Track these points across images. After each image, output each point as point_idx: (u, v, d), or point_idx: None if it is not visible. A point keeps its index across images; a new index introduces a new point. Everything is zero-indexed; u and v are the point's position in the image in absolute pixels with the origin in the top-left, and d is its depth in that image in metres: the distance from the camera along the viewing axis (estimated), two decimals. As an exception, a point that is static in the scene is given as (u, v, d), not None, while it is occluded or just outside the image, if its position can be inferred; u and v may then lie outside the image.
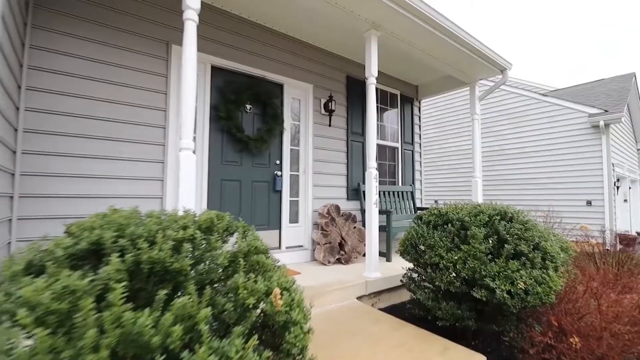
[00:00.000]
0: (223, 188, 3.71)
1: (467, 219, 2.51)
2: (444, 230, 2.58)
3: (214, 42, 3.62)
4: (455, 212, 2.63)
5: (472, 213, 2.57)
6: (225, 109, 3.60)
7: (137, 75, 3.12)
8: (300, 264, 4.01)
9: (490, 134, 9.89)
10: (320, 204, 4.35)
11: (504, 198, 9.55)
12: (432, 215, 2.77)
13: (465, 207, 2.73)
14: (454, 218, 2.57)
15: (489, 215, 2.53)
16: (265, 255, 1.52)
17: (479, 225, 2.46)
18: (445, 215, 2.66)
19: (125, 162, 3.03)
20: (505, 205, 2.76)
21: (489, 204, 2.81)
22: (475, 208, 2.66)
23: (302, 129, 4.42)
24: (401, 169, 5.74)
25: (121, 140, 3.01)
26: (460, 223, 2.52)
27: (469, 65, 4.58)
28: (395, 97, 5.74)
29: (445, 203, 2.94)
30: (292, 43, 4.27)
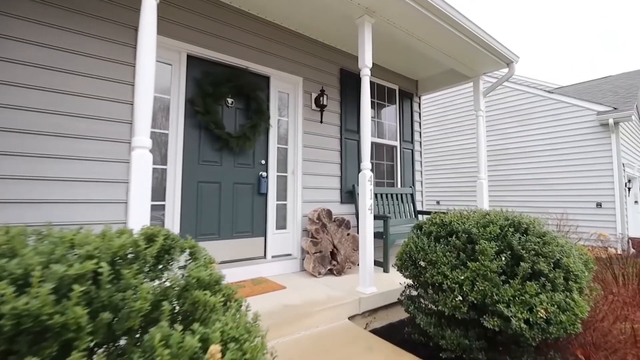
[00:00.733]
0: (200, 191, 3.32)
1: (474, 230, 2.12)
2: (447, 244, 2.20)
3: (191, 28, 3.24)
4: (461, 222, 2.25)
5: (480, 224, 2.18)
6: (202, 102, 3.22)
7: (98, 64, 2.74)
8: (287, 276, 3.63)
9: (494, 132, 9.50)
10: (310, 208, 3.97)
11: (509, 200, 9.17)
12: (433, 225, 2.39)
13: (471, 215, 2.34)
14: (459, 229, 2.19)
15: (501, 226, 2.14)
16: (211, 290, 1.14)
17: (489, 239, 2.07)
18: (449, 226, 2.28)
19: (84, 162, 2.65)
20: (518, 213, 2.37)
21: (499, 211, 2.43)
22: (484, 217, 2.28)
23: (291, 125, 4.04)
24: (400, 170, 5.35)
25: (78, 137, 2.63)
26: (466, 235, 2.14)
27: (472, 57, 4.19)
28: (394, 92, 5.35)
29: (448, 210, 2.56)
30: (280, 32, 3.88)
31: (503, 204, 9.16)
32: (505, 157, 9.41)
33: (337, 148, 4.39)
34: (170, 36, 3.11)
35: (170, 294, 1.02)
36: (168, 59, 3.17)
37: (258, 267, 3.54)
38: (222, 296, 1.17)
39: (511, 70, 4.41)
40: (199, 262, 1.23)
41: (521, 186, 9.14)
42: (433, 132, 11.06)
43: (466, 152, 10.08)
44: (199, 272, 1.11)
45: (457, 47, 3.94)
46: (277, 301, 2.79)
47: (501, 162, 9.45)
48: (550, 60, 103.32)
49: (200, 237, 3.31)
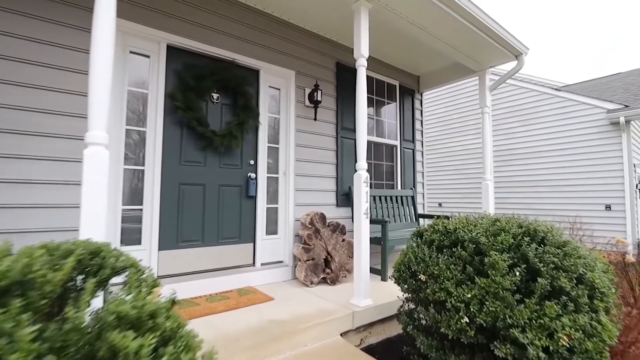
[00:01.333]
0: (182, 194, 3.06)
1: (483, 240, 1.84)
2: (451, 255, 1.91)
3: (171, 16, 2.98)
4: (467, 229, 1.97)
5: (490, 232, 1.90)
6: (183, 97, 2.96)
7: (59, 52, 2.49)
8: (277, 285, 3.35)
9: (499, 132, 9.18)
10: (303, 212, 3.69)
11: (514, 202, 8.86)
12: (436, 232, 2.10)
13: (479, 222, 2.06)
14: (465, 238, 1.90)
15: (514, 235, 1.86)
16: (141, 329, 0.86)
17: (500, 250, 1.79)
18: (453, 234, 1.99)
19: (49, 163, 2.39)
20: (532, 219, 2.09)
21: (510, 217, 2.14)
22: (494, 224, 1.99)
23: (283, 123, 3.76)
24: (400, 170, 5.07)
25: (41, 135, 2.37)
26: (474, 246, 1.85)
27: (479, 49, 3.91)
28: (394, 88, 5.07)
29: (452, 215, 2.27)
30: (270, 22, 3.62)
31: (508, 205, 8.84)
32: (511, 158, 9.09)
33: (332, 147, 4.11)
34: (148, 24, 2.85)
35: (73, 341, 0.75)
36: (146, 49, 2.91)
37: (246, 275, 3.27)
38: (157, 335, 0.89)
39: (520, 63, 4.11)
40: (131, 288, 0.96)
41: (527, 187, 8.82)
42: (435, 132, 10.75)
43: (470, 153, 9.77)
44: (122, 306, 0.84)
45: (462, 37, 3.65)
46: (262, 315, 2.52)
47: (506, 163, 9.13)
48: (554, 58, 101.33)
49: (182, 244, 3.04)
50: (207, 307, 2.64)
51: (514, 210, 8.74)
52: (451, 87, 9.96)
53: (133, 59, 2.87)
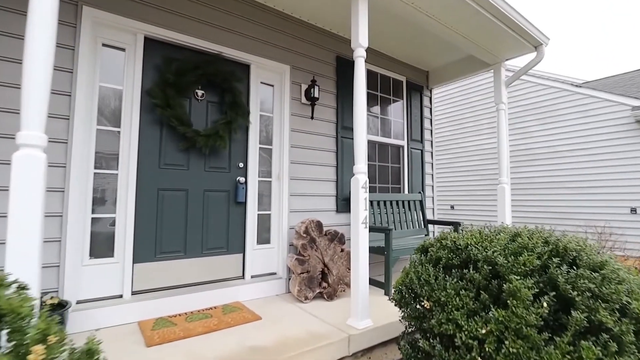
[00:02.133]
0: (161, 200, 2.79)
1: (501, 260, 1.49)
2: (462, 278, 1.57)
3: (149, 5, 2.72)
4: (481, 246, 1.62)
5: (509, 250, 1.55)
6: (162, 94, 2.69)
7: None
8: (269, 300, 3.04)
9: (516, 131, 8.68)
10: (299, 219, 3.38)
11: (531, 204, 8.36)
12: (443, 248, 1.76)
13: (496, 237, 1.70)
14: (478, 257, 1.55)
15: (539, 254, 1.50)
16: None
17: (522, 274, 1.43)
18: (464, 252, 1.65)
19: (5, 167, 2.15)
20: (559, 233, 1.73)
21: (533, 230, 1.78)
22: (514, 240, 1.64)
23: (276, 122, 3.46)
24: (408, 173, 4.71)
25: None
26: (490, 267, 1.50)
27: (494, 38, 3.53)
28: (400, 84, 4.71)
29: (463, 228, 1.92)
30: (262, 12, 3.33)
31: (525, 209, 8.33)
32: (528, 159, 8.58)
33: (332, 148, 3.79)
34: (122, 14, 2.60)
35: None
36: (120, 42, 2.66)
37: (234, 289, 2.97)
38: None
39: (540, 54, 3.71)
40: None
41: (545, 190, 8.30)
42: (447, 131, 10.30)
43: (483, 153, 9.29)
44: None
45: (476, 26, 3.29)
46: (244, 340, 2.21)
47: (523, 164, 8.62)
48: (570, 54, 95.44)
49: (162, 256, 2.77)
50: (184, 329, 2.35)
51: (531, 214, 8.26)
52: (463, 83, 9.52)
53: (106, 52, 2.61)
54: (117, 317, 2.44)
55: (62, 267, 2.29)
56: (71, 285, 2.32)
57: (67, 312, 2.15)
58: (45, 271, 2.23)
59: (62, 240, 2.30)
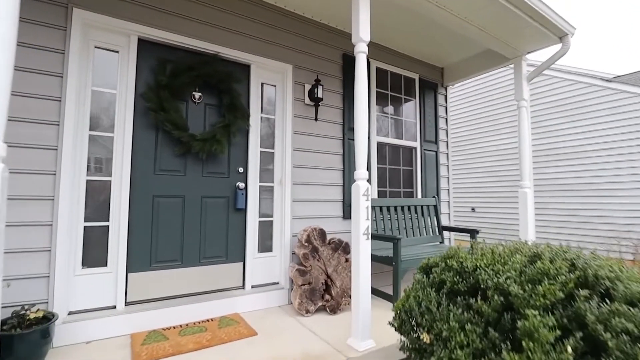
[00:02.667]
0: (156, 208, 2.68)
1: (515, 289, 1.26)
2: (468, 308, 1.35)
3: (143, 5, 2.62)
4: (492, 269, 1.39)
5: (526, 276, 1.32)
6: (156, 97, 2.58)
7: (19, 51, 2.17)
8: (269, 313, 2.90)
9: (539, 129, 8.18)
10: (303, 225, 3.22)
11: (555, 207, 7.87)
12: (448, 270, 1.54)
13: (511, 257, 1.47)
14: (489, 284, 1.34)
15: (563, 283, 1.27)
16: None
17: (542, 308, 1.21)
18: (472, 275, 1.43)
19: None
20: (587, 254, 1.48)
21: (557, 248, 1.54)
22: (532, 261, 1.41)
23: (278, 124, 3.31)
24: (421, 176, 4.45)
25: None
26: (502, 298, 1.28)
27: (513, 30, 3.24)
28: (413, 82, 4.46)
29: (472, 246, 1.70)
30: (262, 9, 3.17)
31: (549, 211, 7.85)
32: (553, 159, 8.07)
33: (338, 151, 3.59)
34: (115, 15, 2.50)
35: None
36: (113, 44, 2.57)
37: (233, 300, 2.85)
38: None
39: (565, 45, 3.39)
40: None
41: (571, 192, 7.77)
42: (465, 130, 9.87)
43: (504, 153, 8.83)
44: None
45: (493, 17, 3.02)
46: (235, 359, 2.07)
47: (547, 164, 8.12)
48: (597, 45, 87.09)
49: (157, 265, 2.67)
50: (175, 344, 2.24)
51: (555, 217, 7.76)
52: (481, 79, 9.08)
53: (99, 55, 2.53)
54: (109, 329, 2.36)
55: (52, 277, 2.22)
56: (62, 296, 2.24)
57: (54, 325, 2.07)
58: (33, 282, 2.17)
59: (52, 250, 2.23)
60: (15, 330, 1.91)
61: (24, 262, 2.15)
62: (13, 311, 2.02)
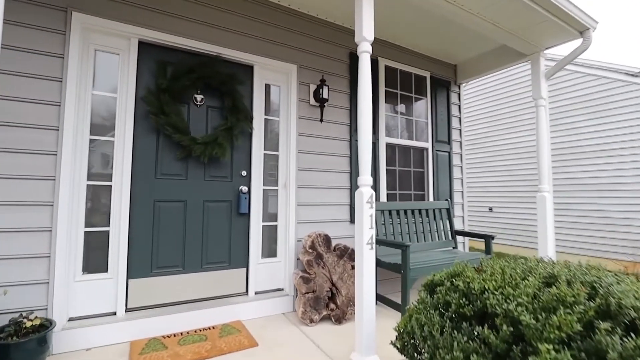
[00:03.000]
0: (157, 212, 2.65)
1: (527, 318, 1.13)
2: (475, 337, 1.23)
3: (143, 7, 2.57)
4: (502, 293, 1.27)
5: (540, 303, 1.19)
6: (156, 101, 2.54)
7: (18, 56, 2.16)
8: (272, 321, 2.83)
9: (560, 127, 7.82)
10: (309, 230, 3.14)
11: (578, 208, 7.52)
12: (454, 291, 1.42)
13: (525, 278, 1.34)
14: (497, 311, 1.21)
15: (581, 312, 1.13)
16: None
17: (557, 341, 1.08)
18: (479, 299, 1.31)
19: (-5, 182, 2.09)
20: (611, 277, 1.33)
21: (575, 269, 1.39)
22: (547, 284, 1.27)
23: (282, 126, 3.22)
24: (433, 178, 4.29)
25: None
26: (511, 328, 1.16)
27: (530, 24, 3.04)
28: (424, 80, 4.29)
29: (482, 263, 1.57)
30: (265, 8, 3.08)
31: (570, 212, 7.50)
32: (574, 157, 7.70)
33: (345, 153, 3.48)
34: (115, 18, 2.46)
35: None
36: (114, 47, 2.53)
37: (235, 307, 2.79)
38: None
39: (587, 41, 3.16)
40: None
41: (593, 192, 7.40)
42: (483, 128, 9.55)
43: (524, 152, 8.49)
44: None
45: (508, 11, 2.83)
46: (233, 372, 2.01)
47: (569, 163, 7.77)
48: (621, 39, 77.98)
49: (158, 271, 2.64)
50: (173, 354, 2.19)
51: (577, 218, 7.41)
52: (500, 75, 8.74)
53: (99, 59, 2.50)
54: (109, 336, 2.34)
55: (51, 283, 2.21)
56: (62, 302, 2.23)
57: (51, 333, 2.06)
58: (33, 288, 2.17)
59: (52, 256, 2.22)
60: (12, 339, 1.91)
61: (23, 268, 2.14)
62: (11, 318, 2.01)
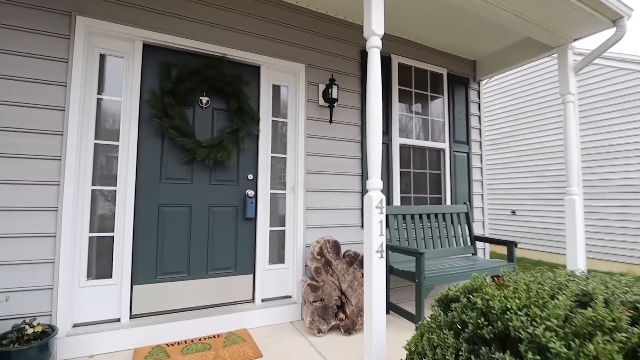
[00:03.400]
0: (162, 217, 2.60)
1: (557, 345, 0.96)
2: (494, 363, 1.07)
3: (146, 9, 2.53)
4: (527, 313, 1.09)
5: (572, 327, 1.01)
6: (160, 104, 2.49)
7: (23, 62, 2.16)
8: (279, 329, 2.72)
9: (589, 124, 7.34)
10: (318, 235, 3.02)
11: (611, 211, 7.03)
12: (471, 308, 1.25)
13: (554, 296, 1.16)
14: (522, 335, 1.04)
15: (623, 341, 0.95)
16: None
17: (595, 375, 0.90)
18: (499, 319, 1.13)
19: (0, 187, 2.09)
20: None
21: (614, 286, 1.20)
22: (582, 304, 1.09)
23: (290, 128, 3.12)
24: (451, 180, 4.07)
25: (-11, 156, 2.07)
26: (538, 357, 0.98)
27: (556, 14, 2.81)
28: (440, 78, 4.08)
29: (504, 277, 1.39)
30: (272, 7, 3.00)
31: (603, 216, 7.01)
32: (606, 157, 7.21)
33: (355, 155, 3.34)
34: (119, 21, 2.44)
35: None
36: (118, 50, 2.51)
37: (241, 315, 2.70)
38: None
39: (620, 30, 2.89)
40: None
41: (628, 194, 6.90)
42: (506, 126, 9.13)
43: (550, 151, 8.04)
44: None
45: (534, 0, 2.62)
46: (234, 386, 1.90)
47: (601, 163, 7.27)
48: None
49: (163, 277, 2.58)
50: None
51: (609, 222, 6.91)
52: (525, 70, 8.34)
53: (104, 62, 2.48)
54: (113, 343, 2.30)
55: (55, 289, 2.18)
56: (66, 308, 2.20)
57: (53, 340, 2.03)
58: (36, 294, 2.15)
59: (56, 262, 2.19)
60: (14, 346, 1.88)
61: (27, 273, 2.12)
62: (14, 325, 1.99)
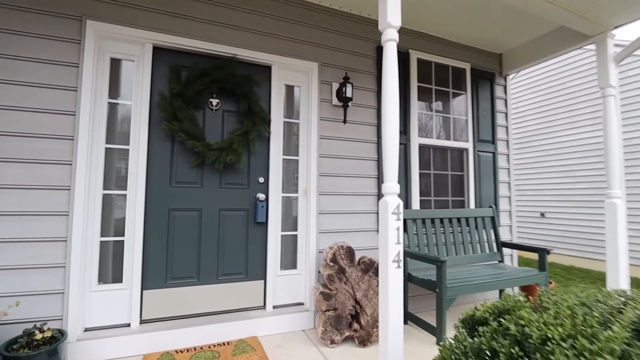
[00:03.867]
0: (172, 222, 2.55)
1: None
2: (527, 403, 0.90)
3: (156, 11, 2.50)
4: (572, 343, 0.92)
5: None
6: (169, 106, 2.44)
7: (34, 68, 2.17)
8: (290, 338, 2.61)
9: (629, 120, 6.79)
10: (331, 240, 2.89)
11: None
12: (503, 334, 1.08)
13: (606, 323, 0.97)
14: (560, 371, 0.87)
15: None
16: None
17: None
18: (538, 350, 0.96)
19: (11, 192, 2.10)
20: None
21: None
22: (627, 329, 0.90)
23: (303, 129, 3.01)
24: (474, 182, 3.82)
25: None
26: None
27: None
28: (463, 73, 3.85)
29: (542, 297, 1.21)
30: (283, 4, 2.90)
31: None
32: (650, 155, 6.64)
33: (372, 156, 3.18)
34: (129, 24, 2.41)
35: None
36: (129, 53, 2.48)
37: (252, 322, 2.61)
38: None
39: (671, 13, 2.59)
40: None
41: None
42: (534, 124, 8.63)
43: (584, 149, 7.51)
44: None
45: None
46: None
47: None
48: None
49: (173, 282, 2.53)
50: (181, 375, 2.05)
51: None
52: (554, 63, 7.84)
53: (114, 66, 2.46)
54: (123, 348, 2.27)
55: (66, 293, 2.17)
56: (77, 312, 2.19)
57: (63, 345, 2.00)
58: (48, 298, 2.14)
59: (67, 266, 2.18)
60: (24, 351, 1.87)
61: (38, 278, 2.12)
62: (24, 329, 1.99)
